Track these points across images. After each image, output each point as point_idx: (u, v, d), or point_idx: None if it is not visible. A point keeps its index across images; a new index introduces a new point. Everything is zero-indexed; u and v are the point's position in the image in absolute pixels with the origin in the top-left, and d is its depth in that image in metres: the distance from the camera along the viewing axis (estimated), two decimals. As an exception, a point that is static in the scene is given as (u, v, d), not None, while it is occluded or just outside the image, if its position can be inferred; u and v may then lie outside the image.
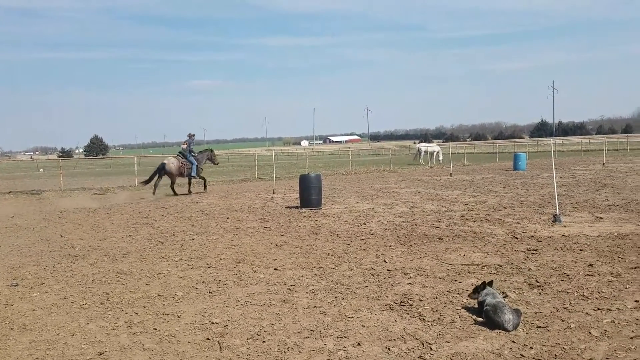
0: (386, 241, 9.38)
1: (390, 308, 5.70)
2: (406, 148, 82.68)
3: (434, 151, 41.11)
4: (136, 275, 7.58)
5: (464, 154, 45.41)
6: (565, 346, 4.51)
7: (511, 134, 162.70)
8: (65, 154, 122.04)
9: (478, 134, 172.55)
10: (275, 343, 4.83)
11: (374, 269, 7.37)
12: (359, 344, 4.72)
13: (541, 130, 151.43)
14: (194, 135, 21.67)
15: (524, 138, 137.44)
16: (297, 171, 31.36)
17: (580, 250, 8.07)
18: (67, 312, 5.98)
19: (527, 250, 8.22)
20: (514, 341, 4.66)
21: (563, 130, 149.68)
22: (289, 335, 5.02)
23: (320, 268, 7.58)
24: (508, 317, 4.90)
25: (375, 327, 5.14)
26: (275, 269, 7.60)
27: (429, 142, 50.24)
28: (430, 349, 4.56)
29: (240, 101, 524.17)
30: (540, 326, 4.98)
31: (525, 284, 6.39)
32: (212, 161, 22.19)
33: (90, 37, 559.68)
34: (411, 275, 6.99)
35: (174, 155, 21.08)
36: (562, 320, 5.11)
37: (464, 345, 4.62)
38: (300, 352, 4.61)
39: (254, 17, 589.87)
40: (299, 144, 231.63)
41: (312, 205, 14.29)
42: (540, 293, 6.01)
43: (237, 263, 8.10)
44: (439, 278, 6.81)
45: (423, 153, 41.08)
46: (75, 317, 5.78)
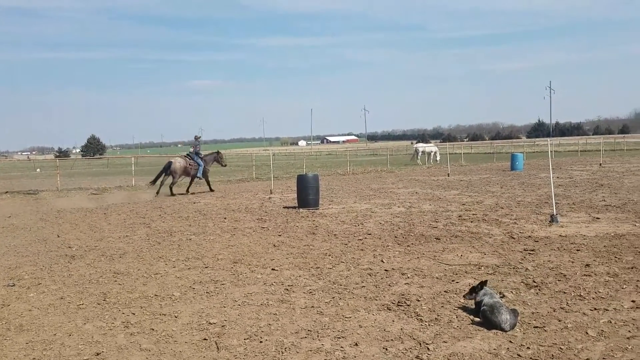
0: (384, 241, 9.39)
1: (387, 308, 5.70)
2: (404, 148, 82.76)
3: (432, 151, 41.16)
4: (133, 275, 7.57)
5: (461, 154, 45.49)
6: (562, 346, 4.52)
7: (508, 134, 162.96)
8: (63, 154, 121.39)
9: (475, 134, 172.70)
10: (272, 343, 4.82)
11: (371, 269, 7.38)
12: (356, 344, 4.73)
13: (538, 130, 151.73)
14: (200, 137, 22.11)
15: (521, 138, 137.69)
16: (295, 171, 31.35)
17: (577, 250, 8.08)
18: (64, 313, 5.97)
19: (524, 250, 8.24)
20: (511, 341, 4.67)
21: (560, 130, 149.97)
22: (286, 335, 5.02)
23: (318, 268, 7.58)
24: (505, 317, 4.91)
25: (373, 327, 5.14)
26: (272, 269, 7.60)
27: (426, 143, 50.17)
28: (428, 349, 4.56)
29: (238, 101, 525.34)
30: (537, 326, 4.99)
31: (522, 284, 6.40)
32: (220, 163, 22.44)
33: (89, 37, 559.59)
34: (408, 275, 6.99)
35: (182, 156, 21.49)
36: (559, 320, 5.12)
37: (461, 345, 4.63)
38: (297, 353, 4.61)
39: (254, 17, 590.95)
40: (297, 144, 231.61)
41: (310, 206, 14.30)
42: (537, 293, 6.02)
43: (235, 263, 8.10)
44: (437, 278, 6.82)
45: (420, 153, 41.11)
46: (72, 318, 5.77)
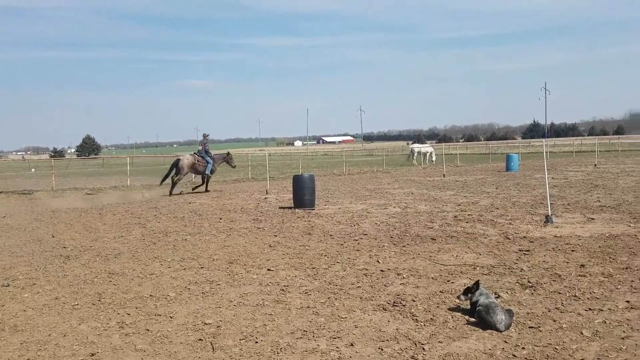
0: (379, 242, 9.39)
1: (383, 308, 5.71)
2: (399, 149, 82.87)
3: (427, 152, 41.22)
4: (128, 275, 7.55)
5: (456, 154, 45.54)
6: (557, 346, 4.53)
7: (504, 135, 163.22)
8: (57, 153, 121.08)
9: (471, 135, 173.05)
10: (268, 344, 4.82)
11: (367, 270, 7.38)
12: (352, 345, 4.73)
13: (533, 131, 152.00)
14: (208, 135, 22.21)
15: (516, 139, 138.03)
16: (291, 171, 31.34)
17: (572, 250, 8.11)
18: (59, 313, 5.95)
19: (520, 250, 8.26)
20: (506, 341, 4.68)
21: (555, 131, 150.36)
22: (281, 335, 5.02)
23: (314, 268, 7.57)
24: (500, 318, 4.92)
25: (368, 328, 5.15)
26: (268, 270, 7.59)
27: (422, 143, 50.29)
28: (423, 349, 4.57)
29: (234, 101, 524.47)
30: (532, 326, 5.01)
31: (517, 284, 6.42)
32: (229, 163, 22.62)
33: (89, 37, 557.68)
34: (404, 275, 7.00)
35: (190, 153, 21.77)
36: (554, 321, 5.13)
37: (456, 345, 4.64)
38: (293, 353, 4.61)
39: (253, 17, 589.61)
40: (293, 144, 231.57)
41: (306, 206, 14.29)
42: (532, 293, 6.04)
43: (230, 263, 8.09)
44: (432, 278, 6.83)
45: (416, 154, 41.17)
46: (66, 318, 5.75)
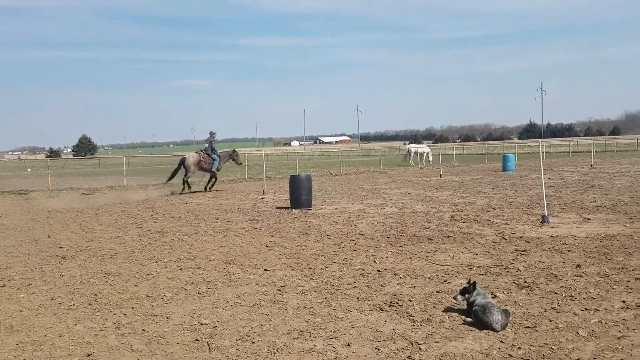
0: (376, 242, 9.40)
1: (379, 308, 5.71)
2: (396, 149, 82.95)
3: (424, 152, 41.26)
4: (125, 276, 7.54)
5: (453, 155, 45.64)
6: (553, 346, 4.54)
7: (500, 135, 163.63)
8: (54, 153, 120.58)
9: (467, 135, 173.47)
10: (264, 344, 4.82)
11: (363, 270, 7.38)
12: (348, 345, 4.73)
13: (530, 131, 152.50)
14: (215, 133, 22.11)
15: (512, 139, 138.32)
16: (288, 172, 31.33)
17: (568, 251, 8.13)
18: (55, 313, 5.93)
19: (516, 250, 8.27)
20: (502, 341, 4.69)
21: (551, 131, 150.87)
22: (278, 336, 5.01)
23: (310, 269, 7.57)
24: (496, 318, 4.93)
25: (365, 328, 5.15)
26: (265, 270, 7.59)
27: (418, 143, 50.32)
28: (420, 349, 4.58)
29: (232, 101, 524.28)
30: (528, 326, 5.02)
31: (513, 284, 6.43)
32: (235, 161, 22.60)
33: (87, 37, 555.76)
34: (401, 275, 7.01)
35: (196, 151, 21.85)
36: (550, 321, 5.14)
37: (453, 345, 4.64)
38: (289, 353, 4.61)
39: (253, 18, 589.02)
40: (290, 144, 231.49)
41: (302, 206, 14.29)
42: (528, 293, 6.05)
43: (227, 264, 8.08)
44: (429, 279, 6.83)
45: (413, 154, 41.21)
46: (62, 318, 5.73)
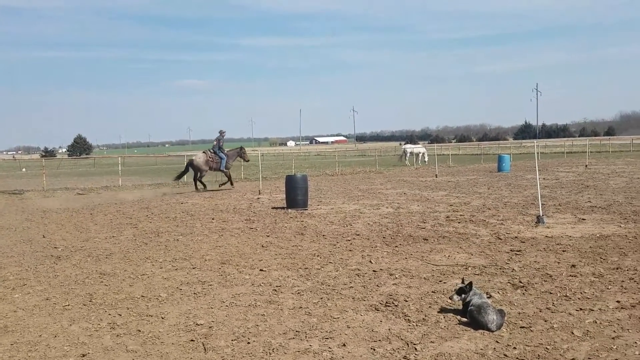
0: (372, 242, 9.41)
1: (375, 309, 5.72)
2: (392, 149, 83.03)
3: (420, 152, 41.31)
4: (120, 276, 7.51)
5: (449, 155, 45.74)
6: (548, 346, 4.55)
7: (495, 135, 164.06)
8: (49, 153, 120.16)
9: (463, 136, 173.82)
10: (260, 344, 4.81)
11: (359, 270, 7.39)
12: (344, 345, 4.73)
13: (525, 132, 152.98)
14: (224, 132, 22.28)
15: (508, 140, 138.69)
16: (284, 172, 31.30)
17: (563, 251, 8.16)
18: (50, 314, 5.91)
19: (511, 251, 8.29)
20: (497, 341, 4.70)
21: (546, 132, 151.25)
22: (274, 336, 5.01)
23: (306, 269, 7.57)
24: (492, 318, 4.94)
25: (361, 328, 5.15)
26: (260, 270, 7.58)
27: (414, 144, 50.35)
28: (415, 349, 4.58)
29: (228, 102, 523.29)
30: (523, 326, 5.03)
31: (509, 284, 6.44)
32: (243, 158, 22.77)
33: (87, 37, 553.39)
34: (396, 275, 7.01)
35: (203, 151, 22.13)
36: (545, 321, 5.16)
37: (448, 345, 4.65)
38: (285, 353, 4.60)
39: (253, 18, 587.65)
40: (286, 144, 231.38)
41: (298, 206, 14.29)
42: (523, 293, 6.06)
43: (222, 264, 8.07)
44: (424, 279, 6.84)
45: (409, 154, 41.25)
46: (57, 319, 5.71)
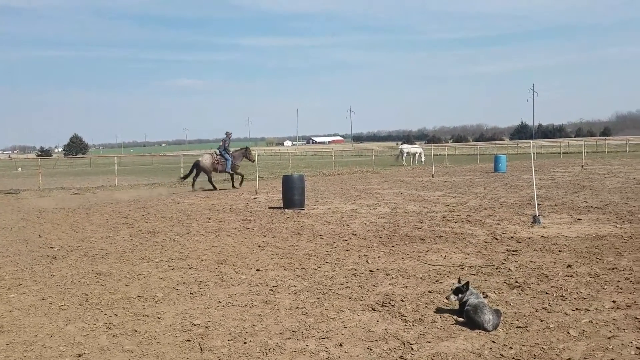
0: (368, 242, 9.41)
1: (372, 308, 5.72)
2: (389, 149, 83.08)
3: (416, 152, 41.29)
4: (116, 276, 7.49)
5: (445, 155, 45.81)
6: (544, 346, 4.56)
7: (492, 136, 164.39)
8: (44, 153, 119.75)
9: (459, 136, 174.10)
10: (256, 344, 4.81)
11: (356, 270, 7.39)
12: (340, 345, 4.73)
13: (521, 132, 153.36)
14: (231, 134, 22.45)
15: (504, 140, 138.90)
16: (280, 172, 31.29)
17: (559, 251, 8.18)
18: (46, 314, 5.89)
19: (507, 251, 8.31)
20: (493, 341, 4.71)
21: (543, 132, 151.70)
22: (270, 336, 5.01)
23: (303, 269, 7.57)
24: (488, 317, 4.95)
25: (357, 328, 5.15)
26: (257, 270, 7.58)
27: (411, 144, 50.36)
28: (412, 349, 4.58)
29: (228, 101, 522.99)
30: (519, 326, 5.04)
31: (505, 284, 6.46)
32: (249, 158, 22.86)
33: (87, 37, 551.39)
34: (393, 275, 7.02)
35: (209, 152, 22.35)
36: (541, 321, 5.17)
37: (444, 345, 4.66)
38: (282, 353, 4.60)
39: (253, 18, 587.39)
40: (282, 144, 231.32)
41: (295, 206, 14.28)
42: (519, 293, 6.08)
43: (219, 264, 8.06)
44: (421, 279, 6.85)
45: (405, 154, 41.25)
46: (53, 319, 5.69)
